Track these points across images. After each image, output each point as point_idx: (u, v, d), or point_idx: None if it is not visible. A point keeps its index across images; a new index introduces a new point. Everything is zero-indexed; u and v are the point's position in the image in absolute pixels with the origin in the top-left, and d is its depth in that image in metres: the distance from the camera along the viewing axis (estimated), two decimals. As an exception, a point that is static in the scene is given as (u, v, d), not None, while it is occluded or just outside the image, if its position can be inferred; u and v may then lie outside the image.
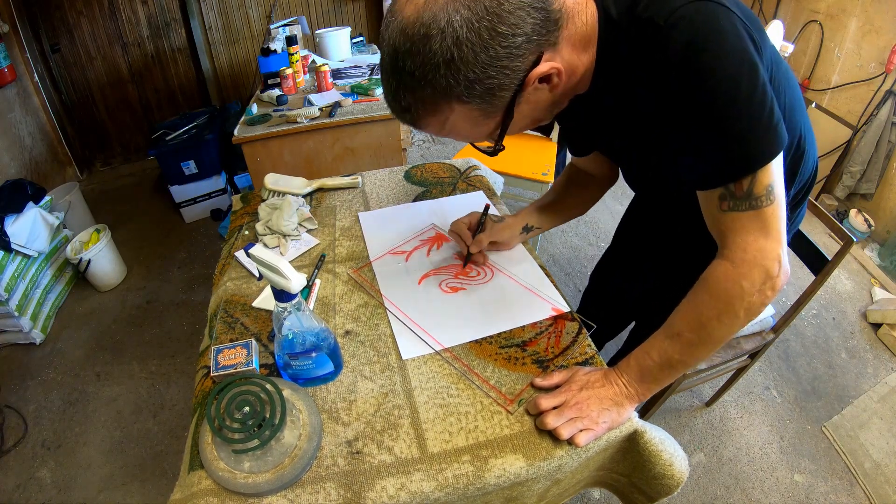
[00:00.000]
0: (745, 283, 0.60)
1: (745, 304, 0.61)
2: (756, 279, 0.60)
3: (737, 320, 0.63)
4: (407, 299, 0.90)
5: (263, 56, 2.17)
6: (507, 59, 0.53)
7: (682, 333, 0.66)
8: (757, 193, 0.58)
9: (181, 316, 2.09)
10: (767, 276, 0.60)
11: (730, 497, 1.40)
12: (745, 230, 0.60)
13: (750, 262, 0.60)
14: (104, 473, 1.51)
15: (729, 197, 0.59)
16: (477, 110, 0.58)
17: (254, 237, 1.09)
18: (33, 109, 2.81)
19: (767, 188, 0.58)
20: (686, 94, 0.55)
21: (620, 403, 0.69)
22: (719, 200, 0.61)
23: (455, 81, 0.53)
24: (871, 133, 2.27)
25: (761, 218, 0.59)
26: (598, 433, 0.67)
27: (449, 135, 0.63)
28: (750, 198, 0.58)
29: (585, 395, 0.68)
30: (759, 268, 0.60)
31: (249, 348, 0.75)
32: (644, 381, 0.69)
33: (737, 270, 0.61)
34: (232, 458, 0.62)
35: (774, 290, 0.61)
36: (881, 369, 1.77)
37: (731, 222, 0.61)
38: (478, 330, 0.83)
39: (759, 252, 0.60)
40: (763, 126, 0.55)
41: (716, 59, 0.53)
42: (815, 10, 2.57)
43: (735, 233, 0.61)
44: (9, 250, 1.87)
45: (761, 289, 0.60)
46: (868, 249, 2.32)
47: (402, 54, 0.53)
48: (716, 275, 0.63)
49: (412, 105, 0.57)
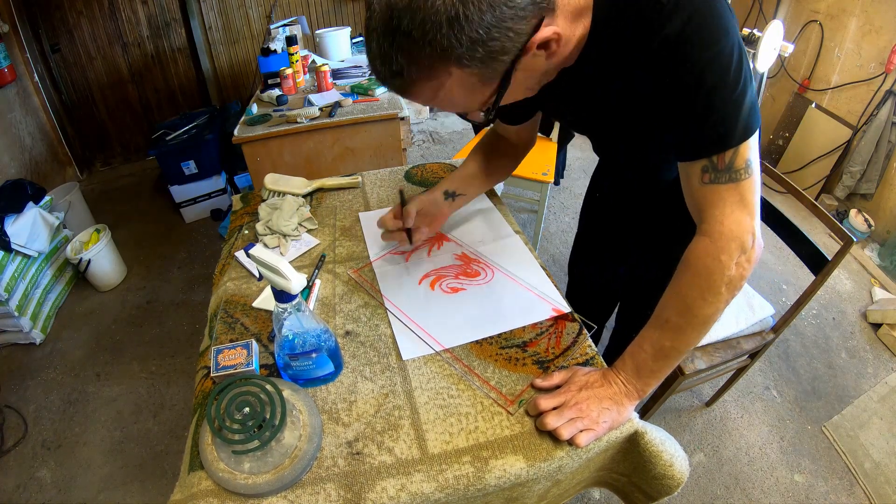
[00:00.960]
0: (724, 257, 0.63)
1: (725, 279, 0.63)
2: (733, 252, 0.62)
3: (720, 297, 0.64)
4: (407, 299, 0.90)
5: (263, 56, 2.17)
6: (512, 21, 0.51)
7: (670, 319, 0.67)
8: (737, 166, 0.61)
9: (181, 316, 2.09)
10: (742, 249, 0.63)
11: (730, 497, 1.40)
12: (722, 203, 0.63)
13: (727, 235, 0.63)
14: (104, 473, 1.51)
15: (711, 169, 0.62)
16: (475, 76, 0.55)
17: (254, 237, 1.09)
18: (33, 109, 2.81)
19: (747, 161, 0.61)
20: (681, 69, 0.57)
21: (620, 402, 0.69)
22: (701, 172, 0.63)
23: (458, 42, 0.50)
24: (871, 133, 2.27)
25: (739, 190, 0.62)
26: (599, 433, 0.67)
27: (440, 103, 0.60)
28: (730, 170, 0.61)
29: (585, 395, 0.69)
30: (735, 240, 0.62)
31: (249, 349, 0.75)
32: (641, 376, 0.69)
33: (714, 244, 0.63)
34: (232, 459, 0.62)
35: (750, 262, 0.63)
36: (881, 369, 1.77)
37: (710, 195, 0.63)
38: (478, 330, 0.83)
39: (735, 224, 0.62)
40: (747, 104, 0.59)
41: (712, 37, 0.56)
42: (815, 10, 2.57)
43: (713, 205, 0.63)
44: (9, 250, 1.87)
45: (739, 261, 0.63)
46: (868, 249, 2.32)
47: (399, 11, 0.50)
48: (695, 252, 0.65)
49: (405, 68, 0.54)
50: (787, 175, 1.97)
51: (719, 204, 0.63)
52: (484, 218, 1.13)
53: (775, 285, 2.13)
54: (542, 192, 2.04)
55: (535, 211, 2.23)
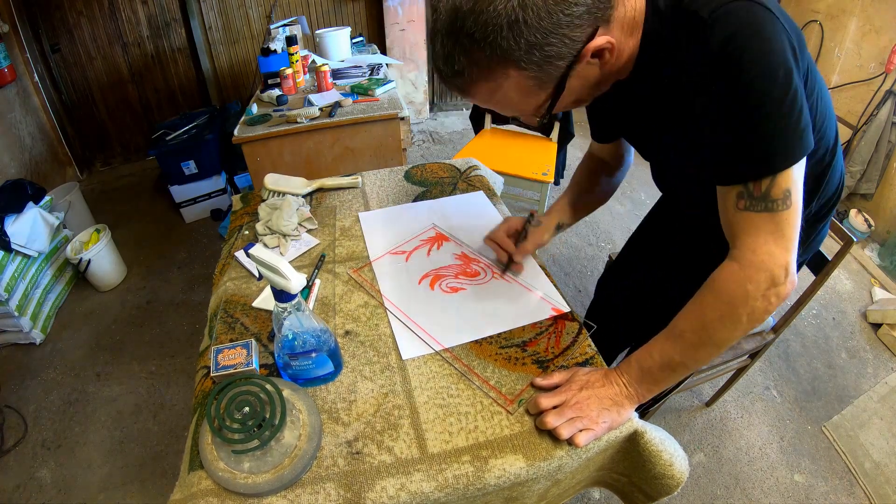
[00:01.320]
0: (750, 286, 0.60)
1: (748, 309, 0.61)
2: (761, 283, 0.60)
3: (739, 324, 0.62)
4: (407, 299, 0.90)
5: (263, 56, 2.17)
6: (568, 28, 0.54)
7: (684, 334, 0.66)
8: (774, 196, 0.58)
9: (181, 316, 2.09)
10: (773, 282, 0.60)
11: (730, 497, 1.40)
12: (756, 231, 0.60)
13: (757, 264, 0.60)
14: (104, 473, 1.51)
15: (746, 196, 0.59)
16: (532, 79, 0.58)
17: (254, 237, 1.09)
18: (33, 109, 2.81)
19: (785, 192, 0.58)
20: (720, 87, 0.56)
21: (620, 403, 0.69)
22: (736, 198, 0.61)
23: (516, 44, 0.54)
24: (871, 133, 2.27)
25: (775, 221, 0.59)
26: (598, 433, 0.67)
27: (497, 104, 0.63)
28: (766, 199, 0.58)
29: (585, 394, 0.69)
30: (766, 272, 0.59)
31: (249, 348, 0.75)
32: (644, 382, 0.69)
33: (743, 272, 0.61)
34: (232, 459, 0.62)
35: (779, 297, 0.61)
36: (881, 369, 1.77)
37: (744, 222, 0.61)
38: (477, 330, 0.83)
39: (768, 256, 0.59)
40: (790, 129, 0.55)
41: (754, 56, 0.53)
42: (815, 10, 2.57)
43: (746, 233, 0.61)
44: (9, 250, 1.87)
45: (766, 294, 0.60)
46: (868, 249, 2.32)
47: (464, 14, 0.54)
48: (722, 275, 0.63)
49: (466, 68, 0.57)
50: (787, 175, 1.99)
51: (753, 232, 0.60)
52: (484, 217, 1.13)
53: (775, 285, 2.13)
54: (542, 192, 2.04)
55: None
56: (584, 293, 2.09)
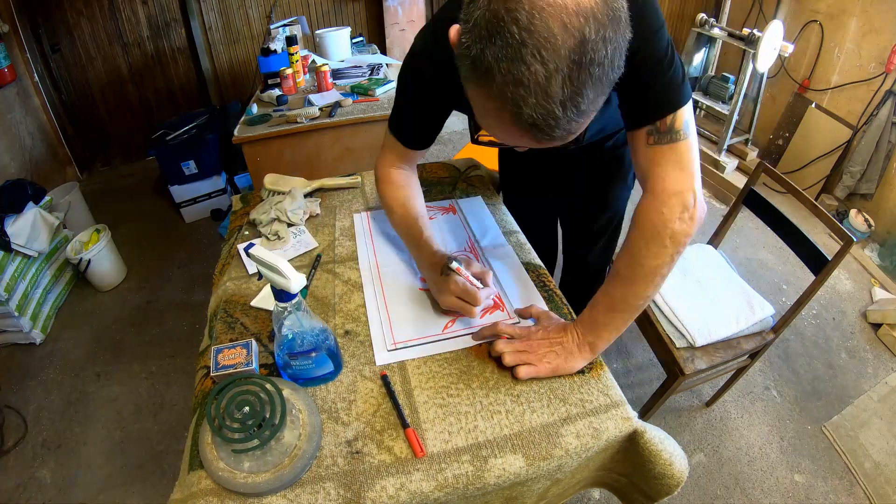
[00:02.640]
0: (665, 210, 0.69)
1: (668, 232, 0.69)
2: (674, 207, 0.69)
3: (664, 249, 0.70)
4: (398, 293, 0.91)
5: (263, 56, 2.17)
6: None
7: (620, 271, 0.74)
8: (676, 128, 0.68)
9: (181, 316, 2.09)
10: (684, 207, 0.69)
11: (730, 497, 1.40)
12: (664, 162, 0.69)
13: (668, 191, 0.69)
14: (104, 473, 1.51)
15: (654, 132, 0.69)
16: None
17: (254, 236, 1.09)
18: (33, 109, 2.81)
19: (684, 123, 0.68)
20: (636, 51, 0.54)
21: (570, 351, 0.75)
22: (646, 136, 0.69)
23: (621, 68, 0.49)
24: (871, 133, 2.27)
25: (677, 151, 0.68)
26: (540, 372, 0.73)
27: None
28: (671, 132, 0.68)
29: (540, 335, 0.76)
30: (676, 196, 0.69)
31: (249, 348, 0.75)
32: (594, 328, 0.75)
33: (657, 200, 0.70)
34: (232, 458, 0.62)
35: (693, 220, 0.69)
36: (881, 369, 1.77)
37: (653, 155, 0.70)
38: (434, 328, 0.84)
39: (676, 182, 0.69)
40: (682, 75, 0.68)
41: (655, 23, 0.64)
42: (815, 10, 2.57)
43: (656, 165, 0.70)
44: (9, 250, 1.88)
45: (681, 216, 0.69)
46: (868, 249, 2.32)
47: (593, 43, 0.43)
48: (641, 209, 0.72)
49: (590, 108, 0.48)
50: (787, 175, 1.96)
51: (661, 163, 0.69)
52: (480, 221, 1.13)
53: (775, 285, 2.13)
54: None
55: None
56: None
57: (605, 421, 0.69)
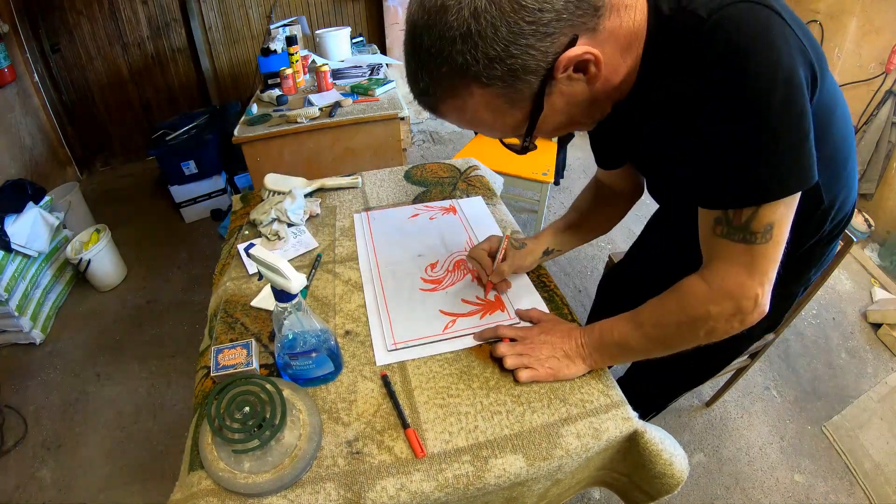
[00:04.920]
0: (714, 309, 0.59)
1: (707, 327, 0.61)
2: (726, 309, 0.59)
3: (695, 337, 0.64)
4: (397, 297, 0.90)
5: (263, 56, 2.17)
6: (533, 37, 0.48)
7: (644, 325, 0.68)
8: (754, 229, 0.54)
9: (181, 316, 2.09)
10: (738, 311, 0.59)
11: (730, 497, 1.40)
12: (730, 260, 0.57)
13: (726, 292, 0.58)
14: (104, 473, 1.51)
15: (724, 223, 0.56)
16: (500, 97, 0.52)
17: (254, 236, 1.09)
18: (33, 109, 2.81)
19: (767, 226, 0.53)
20: (709, 98, 0.50)
21: (571, 358, 0.73)
22: (714, 223, 0.57)
23: (473, 59, 0.48)
24: (871, 133, 2.27)
25: (751, 254, 0.55)
26: (540, 376, 0.72)
27: (472, 125, 0.58)
28: (745, 231, 0.54)
29: (543, 338, 0.74)
30: (733, 301, 0.58)
31: (249, 348, 0.75)
32: (600, 352, 0.72)
33: (710, 294, 0.59)
34: (232, 459, 0.62)
35: (743, 324, 0.60)
36: (881, 369, 1.77)
37: (719, 248, 0.58)
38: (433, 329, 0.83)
39: (738, 286, 0.57)
40: (784, 156, 0.49)
41: (753, 66, 0.47)
42: (815, 10, 2.57)
43: (720, 259, 0.58)
44: (9, 250, 1.87)
45: (729, 319, 0.60)
46: (868, 249, 2.32)
47: (420, 29, 0.50)
48: (689, 289, 0.62)
49: (430, 86, 0.53)
50: (787, 175, 1.99)
51: (727, 260, 0.57)
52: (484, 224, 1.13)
53: (775, 285, 2.13)
54: (541, 192, 2.04)
55: (535, 211, 2.23)
56: (584, 293, 2.09)
57: (606, 421, 0.69)
